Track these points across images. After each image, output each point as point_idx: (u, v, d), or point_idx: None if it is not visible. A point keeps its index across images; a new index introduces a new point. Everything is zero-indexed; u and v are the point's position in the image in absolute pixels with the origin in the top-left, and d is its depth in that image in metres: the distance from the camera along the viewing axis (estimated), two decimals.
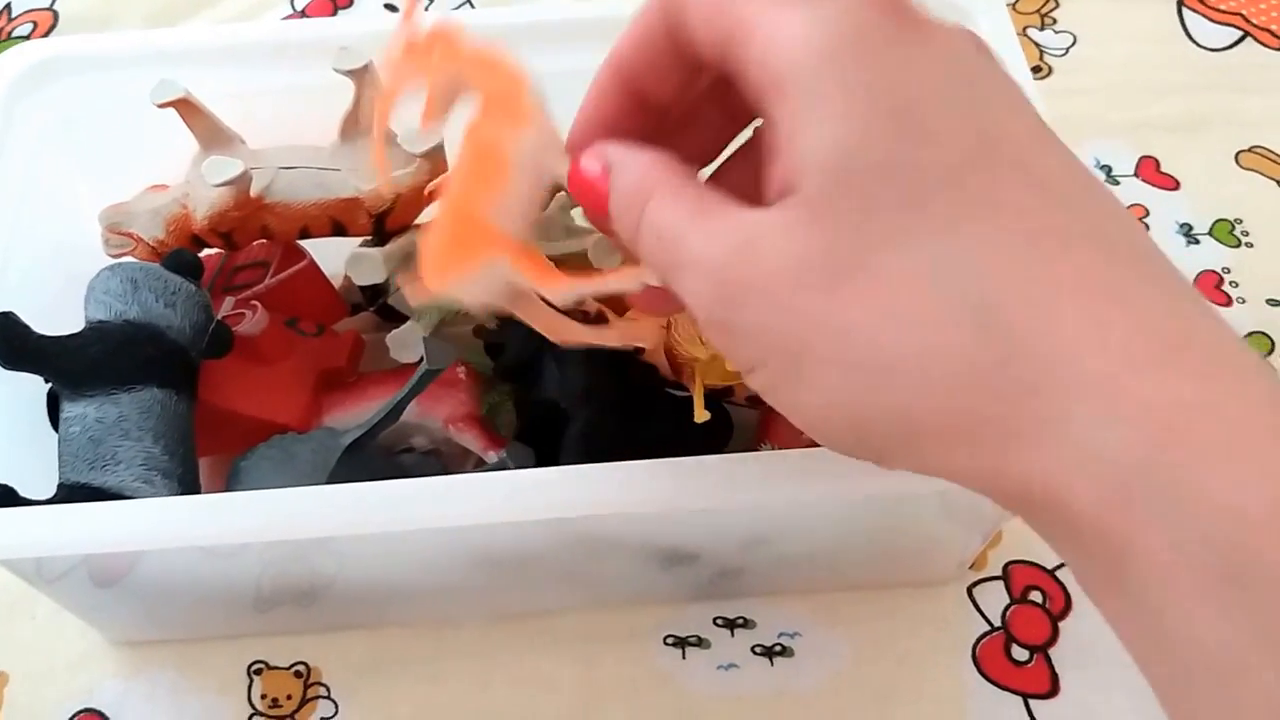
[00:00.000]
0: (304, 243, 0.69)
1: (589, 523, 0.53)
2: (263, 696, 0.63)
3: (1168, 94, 0.91)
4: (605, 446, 0.57)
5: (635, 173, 0.35)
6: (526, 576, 0.62)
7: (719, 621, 0.65)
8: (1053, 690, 0.63)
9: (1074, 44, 0.94)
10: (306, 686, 0.63)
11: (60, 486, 0.54)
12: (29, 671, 0.64)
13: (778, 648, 0.64)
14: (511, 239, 0.38)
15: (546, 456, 0.61)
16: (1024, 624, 0.65)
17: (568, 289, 0.39)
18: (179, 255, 0.61)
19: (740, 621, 0.65)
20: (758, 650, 0.64)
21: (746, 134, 0.41)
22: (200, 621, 0.64)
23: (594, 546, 0.59)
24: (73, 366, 0.54)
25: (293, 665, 0.64)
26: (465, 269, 0.37)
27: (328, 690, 0.63)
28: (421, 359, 0.58)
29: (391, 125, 0.63)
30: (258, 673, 0.64)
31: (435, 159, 0.62)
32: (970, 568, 0.67)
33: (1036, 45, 0.94)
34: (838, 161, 0.29)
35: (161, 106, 0.61)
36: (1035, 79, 0.92)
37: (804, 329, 0.30)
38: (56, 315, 0.58)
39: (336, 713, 0.62)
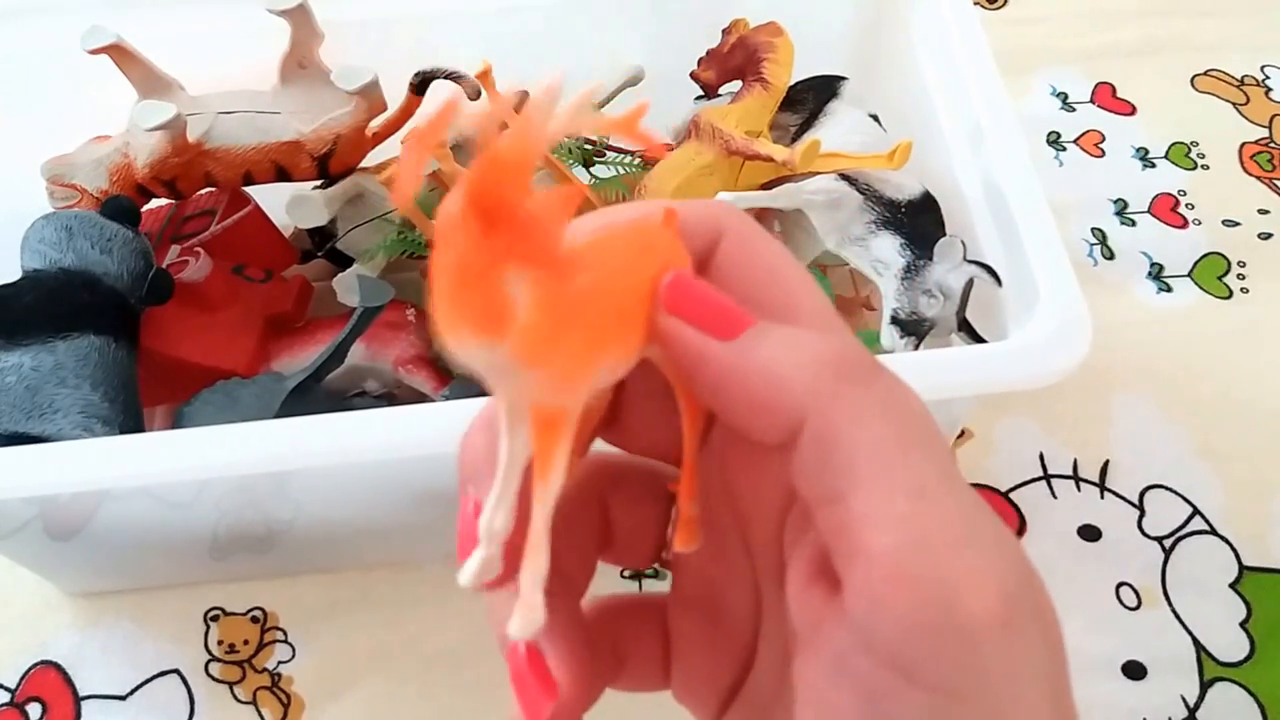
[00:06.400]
0: (252, 190, 0.69)
1: None
2: (219, 642, 0.63)
3: (1123, 20, 0.91)
4: None
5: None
6: None
7: None
8: None
9: None
10: (264, 631, 0.63)
11: None
12: None
13: None
14: None
15: None
16: None
17: None
18: (116, 202, 0.60)
19: None
20: None
21: None
22: (156, 571, 0.64)
23: None
24: (5, 316, 0.54)
25: (249, 610, 0.64)
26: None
27: (285, 634, 0.63)
28: None
29: (324, 62, 0.63)
30: (214, 619, 0.64)
31: (372, 97, 0.62)
32: None
33: None
34: None
35: (93, 53, 0.60)
36: (992, 9, 0.91)
37: None
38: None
39: (294, 656, 0.62)
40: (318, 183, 0.66)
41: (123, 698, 0.61)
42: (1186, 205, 0.81)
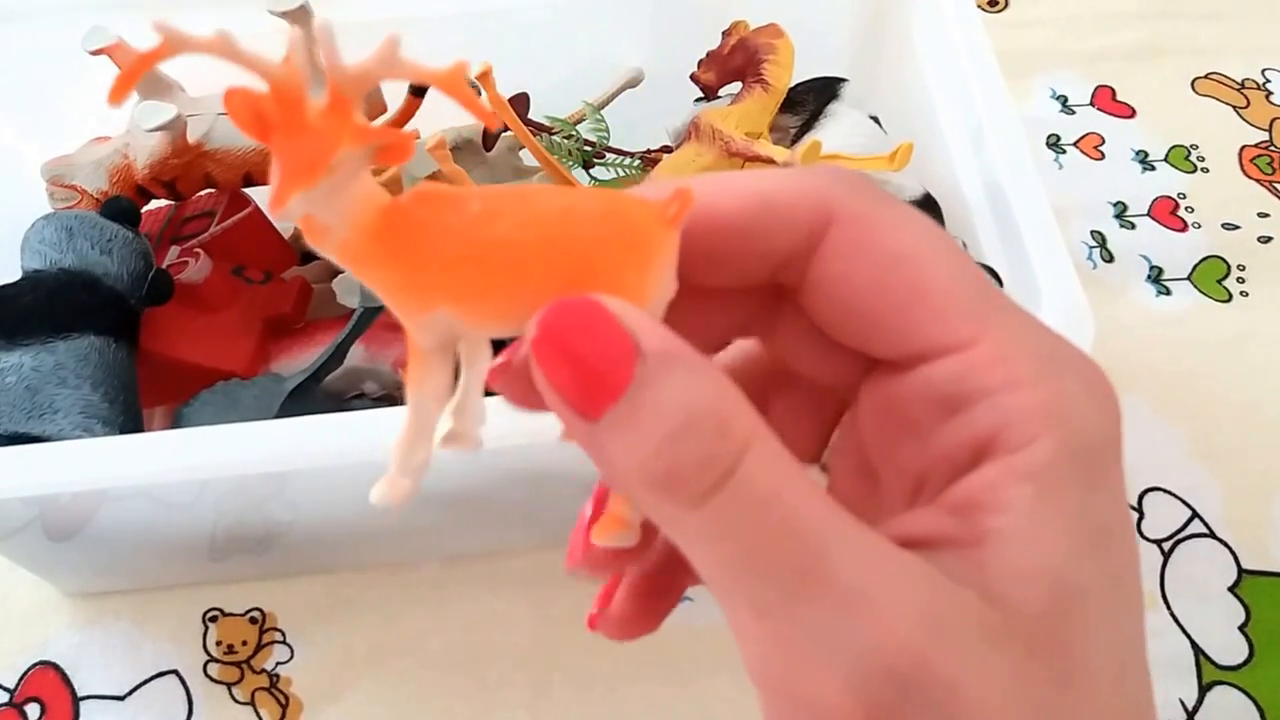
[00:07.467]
0: (252, 191, 0.69)
1: (536, 455, 0.53)
2: (218, 643, 0.63)
3: (1124, 23, 0.91)
4: None
5: (711, 385, 0.22)
6: (479, 516, 0.62)
7: None
8: None
9: None
10: (262, 632, 0.63)
11: None
12: None
13: None
14: None
15: None
16: None
17: None
18: (116, 202, 0.60)
19: None
20: None
21: None
22: (155, 571, 0.64)
23: (544, 483, 0.59)
24: (5, 316, 0.54)
25: (248, 611, 0.64)
26: None
27: (283, 635, 0.63)
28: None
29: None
30: (213, 620, 0.64)
31: (372, 98, 0.62)
32: None
33: None
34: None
35: (94, 54, 0.60)
36: (992, 12, 0.91)
37: None
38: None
39: (292, 656, 0.62)
40: None
41: (121, 698, 0.61)
42: (1186, 208, 0.81)
